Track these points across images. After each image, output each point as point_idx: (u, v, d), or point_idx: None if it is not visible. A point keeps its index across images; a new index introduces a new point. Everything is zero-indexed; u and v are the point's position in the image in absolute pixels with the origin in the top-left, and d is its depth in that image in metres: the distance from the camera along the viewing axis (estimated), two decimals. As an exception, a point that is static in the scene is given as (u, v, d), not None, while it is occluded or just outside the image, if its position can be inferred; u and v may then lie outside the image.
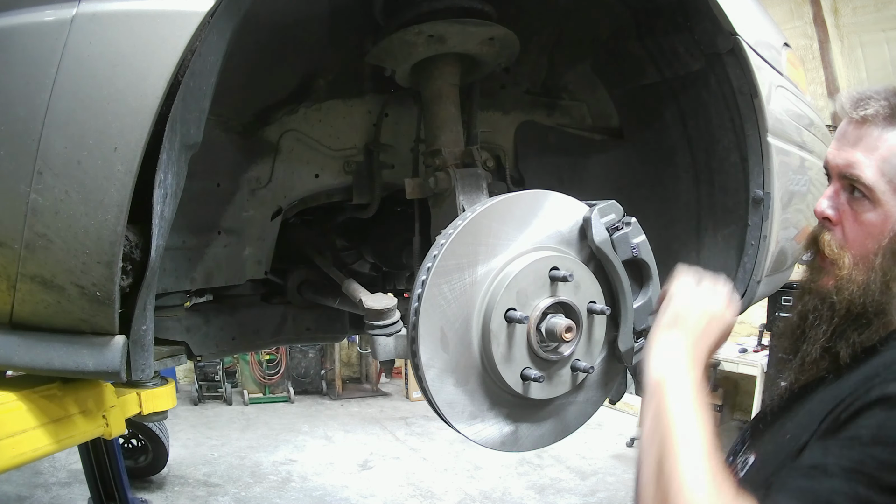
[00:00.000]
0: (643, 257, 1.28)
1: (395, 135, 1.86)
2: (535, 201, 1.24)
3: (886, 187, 0.99)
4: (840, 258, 1.03)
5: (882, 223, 1.00)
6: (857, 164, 1.01)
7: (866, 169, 1.00)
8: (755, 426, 1.18)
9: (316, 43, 1.60)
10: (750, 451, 1.09)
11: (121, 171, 0.93)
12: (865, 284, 1.00)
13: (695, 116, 1.64)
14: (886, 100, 1.01)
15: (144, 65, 0.94)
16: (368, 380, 8.78)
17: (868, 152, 1.01)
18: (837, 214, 1.05)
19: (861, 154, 1.01)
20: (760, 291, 1.62)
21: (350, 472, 5.74)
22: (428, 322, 1.14)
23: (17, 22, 0.96)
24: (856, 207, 1.02)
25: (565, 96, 1.95)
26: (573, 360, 1.23)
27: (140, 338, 1.02)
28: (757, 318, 6.26)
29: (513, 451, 1.32)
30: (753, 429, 1.18)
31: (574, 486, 5.41)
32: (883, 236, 1.00)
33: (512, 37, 1.52)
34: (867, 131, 1.01)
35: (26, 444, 1.24)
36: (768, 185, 1.51)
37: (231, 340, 1.90)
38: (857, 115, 1.02)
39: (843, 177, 1.04)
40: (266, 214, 1.77)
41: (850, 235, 1.03)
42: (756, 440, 1.11)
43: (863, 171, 1.00)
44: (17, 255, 0.97)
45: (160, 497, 5.04)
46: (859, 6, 5.29)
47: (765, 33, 1.62)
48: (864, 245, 1.02)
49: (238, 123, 1.67)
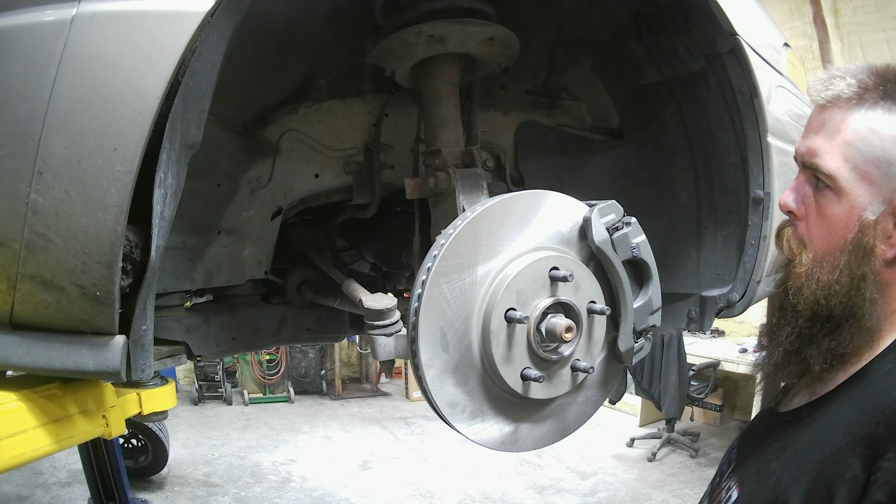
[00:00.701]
0: (643, 257, 1.28)
1: (395, 135, 1.86)
2: (535, 201, 1.24)
3: (851, 174, 0.90)
4: (798, 255, 0.96)
5: (847, 216, 0.91)
6: (818, 152, 0.93)
7: (827, 156, 0.92)
8: (743, 442, 1.11)
9: (316, 43, 1.60)
10: (734, 479, 1.02)
11: (121, 171, 0.93)
12: (829, 284, 0.92)
13: (695, 116, 1.64)
14: (855, 77, 0.92)
15: (144, 65, 0.94)
16: (368, 380, 8.78)
17: (829, 137, 0.92)
18: (802, 208, 0.97)
19: (822, 140, 0.93)
20: (760, 291, 1.62)
21: (350, 472, 5.74)
22: (428, 322, 1.14)
23: (17, 22, 0.96)
24: (820, 200, 0.94)
25: (565, 96, 1.95)
26: (573, 360, 1.23)
27: (140, 338, 1.02)
28: (757, 319, 6.26)
29: (513, 451, 1.32)
30: (741, 446, 1.11)
31: (574, 486, 5.42)
32: (848, 230, 0.91)
33: (512, 37, 1.52)
34: (830, 115, 0.93)
35: (26, 444, 1.24)
36: (768, 185, 1.51)
37: (231, 340, 1.90)
38: (821, 98, 0.94)
39: (806, 166, 0.96)
40: (266, 214, 1.77)
41: (814, 231, 0.96)
42: (742, 464, 1.03)
43: (823, 158, 0.92)
44: (17, 255, 0.97)
45: (160, 497, 5.04)
46: (859, 6, 5.29)
47: (765, 33, 1.62)
48: (828, 241, 0.93)
49: (238, 123, 1.67)
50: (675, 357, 5.66)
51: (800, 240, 0.97)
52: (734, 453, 1.11)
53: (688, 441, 6.11)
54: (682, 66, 1.58)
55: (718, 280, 1.67)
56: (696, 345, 6.40)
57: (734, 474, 1.03)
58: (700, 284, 1.70)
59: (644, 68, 1.67)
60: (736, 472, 1.03)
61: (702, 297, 1.68)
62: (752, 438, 1.07)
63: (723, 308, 1.64)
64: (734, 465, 1.07)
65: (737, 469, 1.04)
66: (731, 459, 1.10)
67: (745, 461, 1.03)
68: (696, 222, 1.73)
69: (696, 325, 1.71)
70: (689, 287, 1.72)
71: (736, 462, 1.07)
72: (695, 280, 1.72)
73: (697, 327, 1.71)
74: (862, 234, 0.90)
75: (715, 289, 1.66)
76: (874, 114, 0.90)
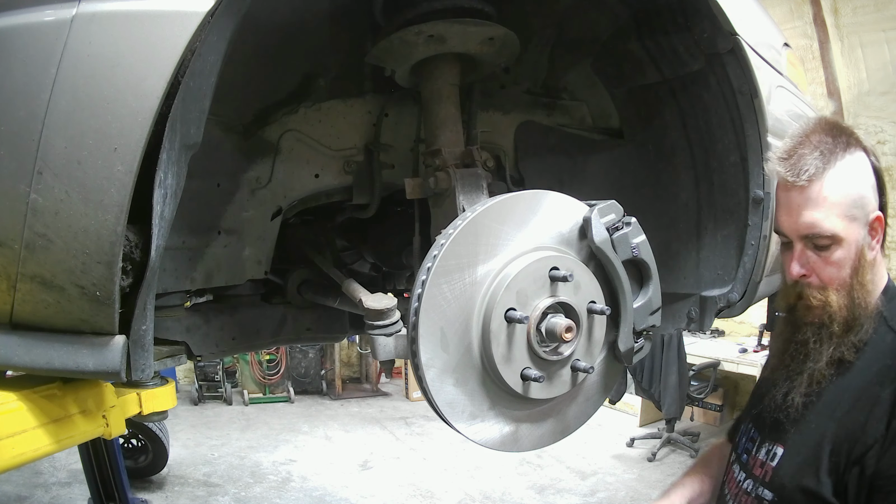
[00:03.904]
0: (643, 257, 1.28)
1: (395, 135, 1.86)
2: (535, 201, 1.24)
3: (844, 223, 1.13)
4: (827, 299, 1.16)
5: (848, 252, 1.14)
6: (817, 224, 1.13)
7: (825, 223, 1.13)
8: (758, 420, 1.29)
9: (316, 43, 1.60)
10: (771, 442, 1.21)
11: (121, 171, 0.93)
12: (850, 302, 1.14)
13: (695, 116, 1.64)
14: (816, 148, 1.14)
15: (144, 65, 0.94)
16: (368, 380, 8.78)
17: (817, 208, 1.13)
18: (808, 268, 1.18)
19: (815, 213, 1.13)
20: (760, 291, 1.62)
21: (350, 472, 5.74)
22: (428, 322, 1.14)
23: (17, 22, 0.96)
24: (824, 255, 1.16)
25: (565, 96, 1.95)
26: (573, 361, 1.23)
27: (140, 338, 1.02)
28: (757, 319, 6.27)
29: (513, 451, 1.32)
30: (758, 424, 1.28)
31: (574, 486, 5.41)
32: (851, 260, 1.14)
33: (512, 37, 1.52)
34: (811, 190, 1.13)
35: (26, 444, 1.24)
36: (768, 185, 1.51)
37: (231, 340, 1.90)
38: (800, 180, 1.13)
39: (804, 237, 1.16)
40: (266, 214, 1.77)
41: (826, 276, 1.17)
42: (774, 433, 1.21)
43: (823, 226, 1.13)
44: (17, 255, 0.97)
45: (160, 497, 5.04)
46: (859, 6, 5.29)
47: (765, 33, 1.62)
48: (839, 276, 1.16)
49: (238, 123, 1.67)
50: (675, 357, 5.66)
51: (818, 288, 1.18)
52: (752, 430, 1.29)
53: (688, 441, 6.10)
54: (682, 66, 1.58)
55: (718, 280, 1.67)
56: (696, 345, 6.40)
57: (768, 440, 1.22)
58: (700, 284, 1.70)
59: (644, 68, 1.67)
60: (771, 438, 1.22)
61: (702, 297, 1.68)
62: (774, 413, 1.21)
63: (723, 308, 1.64)
64: (758, 437, 1.26)
65: (770, 436, 1.23)
66: (752, 435, 1.28)
67: (778, 428, 1.20)
68: (696, 222, 1.73)
69: (696, 325, 1.71)
70: (689, 287, 1.72)
71: (762, 433, 1.25)
72: (695, 280, 1.72)
73: (697, 327, 1.71)
74: (860, 255, 1.15)
75: (715, 289, 1.66)
76: (841, 165, 1.13)
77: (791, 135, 1.20)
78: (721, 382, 6.56)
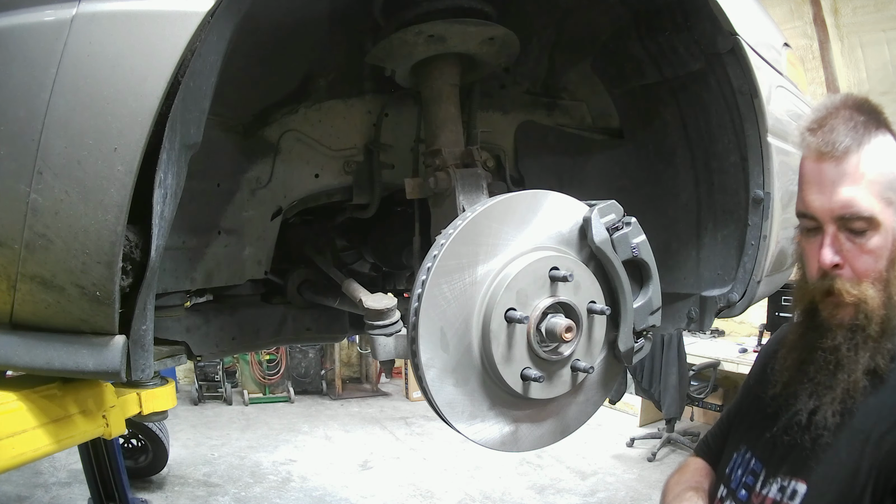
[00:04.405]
0: (643, 257, 1.28)
1: (395, 135, 1.86)
2: (534, 201, 1.24)
3: (881, 205, 0.99)
4: (862, 293, 1.00)
5: (885, 240, 1.00)
6: (854, 202, 0.98)
7: (863, 202, 0.98)
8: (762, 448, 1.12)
9: (316, 43, 1.60)
10: (786, 476, 1.04)
11: (121, 171, 0.93)
12: (888, 299, 1.00)
13: (695, 116, 1.64)
14: (848, 122, 1.00)
15: (144, 65, 0.94)
16: (368, 380, 8.78)
17: (855, 183, 0.98)
18: (842, 257, 1.02)
19: (851, 188, 0.98)
20: (760, 291, 1.62)
21: (350, 472, 5.74)
22: (428, 322, 1.14)
23: (17, 22, 0.96)
24: (859, 241, 1.00)
25: (565, 96, 1.95)
26: (573, 361, 1.23)
27: (140, 338, 1.02)
28: (757, 319, 6.27)
29: (513, 451, 1.32)
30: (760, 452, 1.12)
31: (574, 486, 5.41)
32: (888, 250, 1.00)
33: (512, 37, 1.52)
34: (847, 163, 0.99)
35: (26, 444, 1.24)
36: (768, 185, 1.51)
37: (231, 340, 1.90)
38: (837, 151, 0.99)
39: (839, 218, 1.01)
40: (266, 214, 1.77)
41: (861, 266, 1.01)
42: (790, 464, 1.05)
43: (860, 205, 0.98)
44: (17, 255, 0.97)
45: (160, 497, 5.04)
46: (859, 6, 5.29)
47: (765, 33, 1.62)
48: (875, 267, 1.01)
49: (238, 123, 1.67)
50: (675, 357, 5.66)
51: (852, 282, 1.02)
52: (753, 462, 1.12)
53: (688, 441, 6.10)
54: (682, 66, 1.58)
55: (718, 280, 1.67)
56: (696, 345, 6.39)
57: (785, 475, 1.05)
58: (700, 284, 1.70)
59: (644, 68, 1.67)
60: (788, 473, 1.04)
61: (702, 297, 1.68)
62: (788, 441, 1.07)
63: (723, 308, 1.64)
64: (765, 467, 1.09)
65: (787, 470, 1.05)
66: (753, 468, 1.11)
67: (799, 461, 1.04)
68: (696, 222, 1.73)
69: (696, 325, 1.71)
70: (689, 287, 1.72)
71: (777, 466, 1.07)
72: (695, 280, 1.72)
73: (697, 327, 1.71)
74: None
75: (715, 289, 1.66)
76: (877, 143, 0.99)
77: (818, 107, 1.06)
78: (721, 382, 6.56)
